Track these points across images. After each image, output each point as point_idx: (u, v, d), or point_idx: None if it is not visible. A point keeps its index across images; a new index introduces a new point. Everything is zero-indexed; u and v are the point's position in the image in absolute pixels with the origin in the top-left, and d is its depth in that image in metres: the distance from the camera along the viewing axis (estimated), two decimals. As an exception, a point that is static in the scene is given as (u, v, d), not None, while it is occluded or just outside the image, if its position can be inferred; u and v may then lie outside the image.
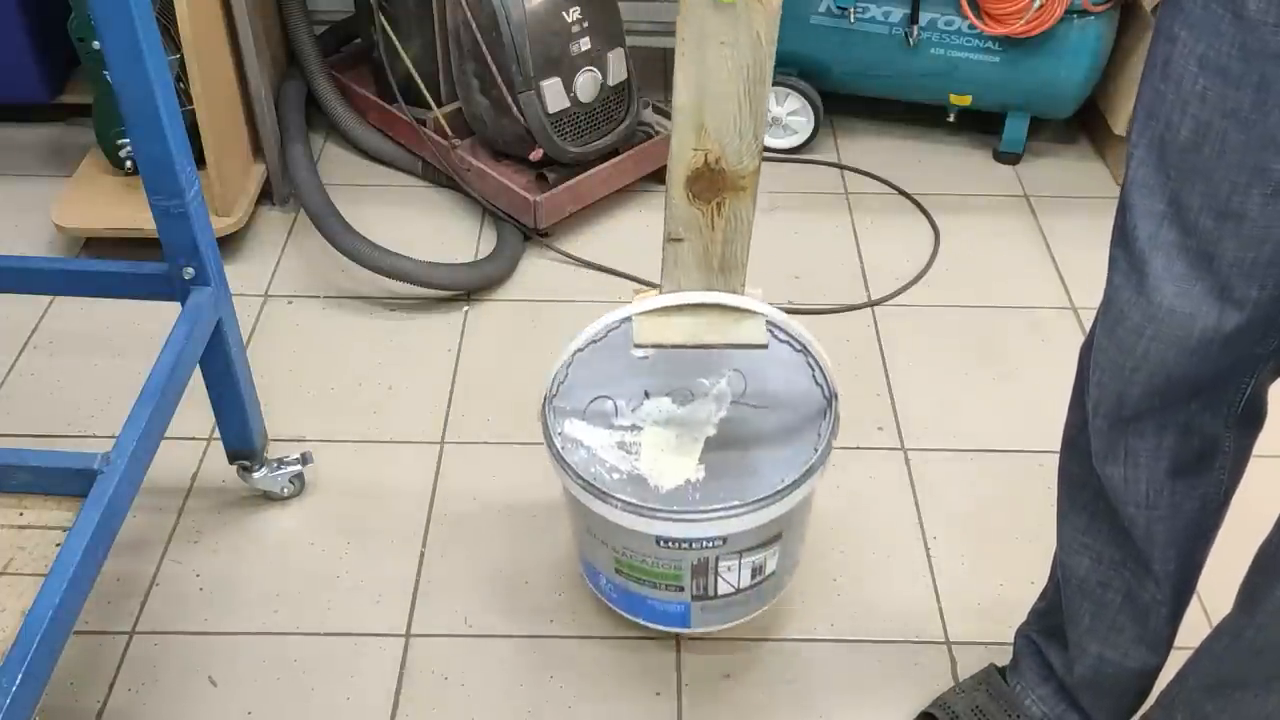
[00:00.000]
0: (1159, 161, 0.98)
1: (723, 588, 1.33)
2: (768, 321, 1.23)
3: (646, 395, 1.33)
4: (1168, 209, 0.98)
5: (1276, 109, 0.89)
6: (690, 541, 1.25)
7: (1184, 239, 0.98)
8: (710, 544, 1.26)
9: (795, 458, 1.26)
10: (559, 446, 1.27)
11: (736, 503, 1.21)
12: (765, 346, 1.23)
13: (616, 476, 1.25)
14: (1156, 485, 1.14)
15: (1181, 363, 1.03)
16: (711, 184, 1.10)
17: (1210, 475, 1.16)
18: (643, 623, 1.44)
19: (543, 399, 1.30)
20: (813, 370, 1.33)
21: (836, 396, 1.29)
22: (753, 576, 1.34)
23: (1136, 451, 1.13)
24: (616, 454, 1.27)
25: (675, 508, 1.22)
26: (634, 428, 1.30)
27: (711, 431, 1.30)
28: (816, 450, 1.26)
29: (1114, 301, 1.07)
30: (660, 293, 1.22)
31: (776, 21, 1.00)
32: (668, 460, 1.27)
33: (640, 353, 1.26)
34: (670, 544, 1.26)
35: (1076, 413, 1.22)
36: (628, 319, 1.24)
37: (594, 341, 1.31)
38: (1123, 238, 1.04)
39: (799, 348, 1.35)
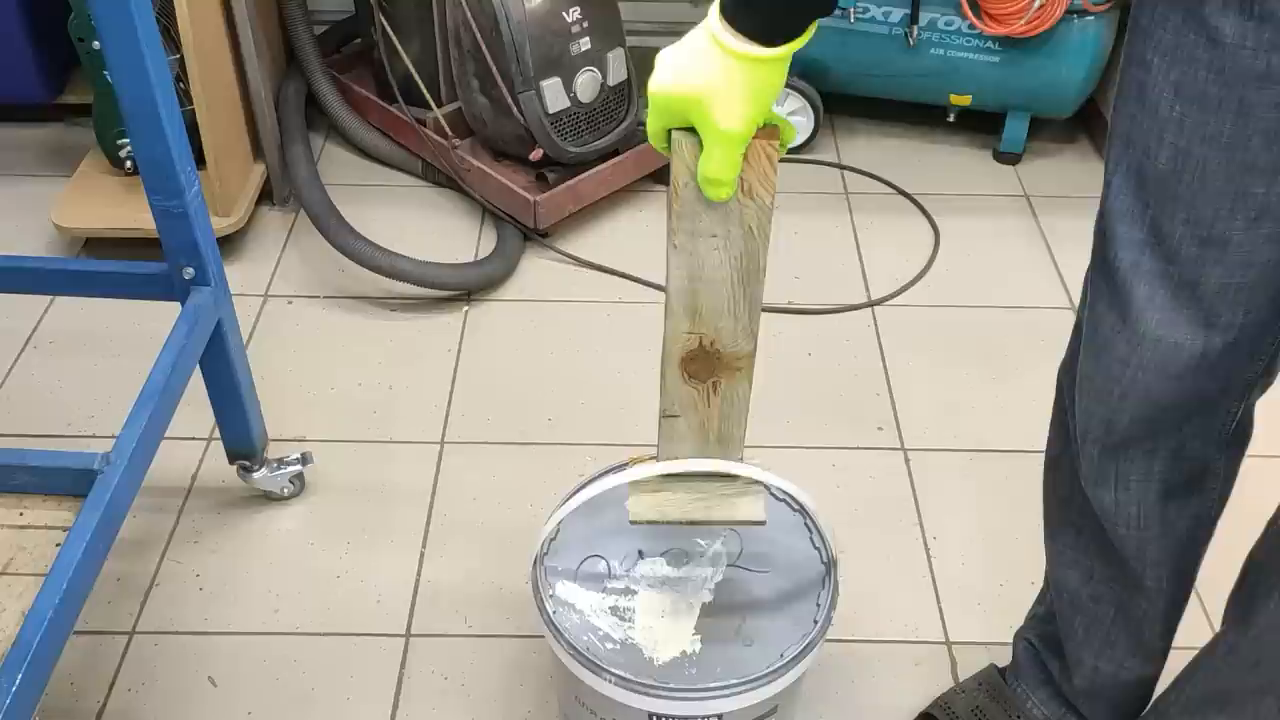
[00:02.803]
0: (1138, 189, 0.97)
1: None
2: (764, 484, 1.18)
3: (640, 555, 1.28)
4: (1148, 237, 0.97)
5: (1257, 133, 0.87)
6: (684, 719, 1.20)
7: (1166, 267, 0.97)
8: None
9: (794, 629, 1.21)
10: (550, 611, 1.22)
11: (735, 680, 1.16)
12: (764, 523, 1.19)
13: (610, 646, 1.20)
14: (1148, 508, 1.13)
15: (1169, 390, 1.02)
16: (706, 365, 1.08)
17: (1202, 496, 1.15)
18: None
19: (533, 559, 1.25)
20: (810, 533, 1.29)
21: (835, 563, 1.25)
22: None
23: (1127, 476, 1.12)
24: (610, 620, 1.22)
25: (671, 684, 1.17)
26: (628, 590, 1.25)
27: (708, 597, 1.25)
28: (816, 622, 1.21)
29: (1098, 330, 1.05)
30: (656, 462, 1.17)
31: (769, 216, 0.97)
32: (663, 628, 1.22)
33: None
34: None
35: (1058, 432, 1.21)
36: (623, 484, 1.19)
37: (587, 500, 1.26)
38: (1104, 266, 1.02)
39: (796, 508, 1.31)
